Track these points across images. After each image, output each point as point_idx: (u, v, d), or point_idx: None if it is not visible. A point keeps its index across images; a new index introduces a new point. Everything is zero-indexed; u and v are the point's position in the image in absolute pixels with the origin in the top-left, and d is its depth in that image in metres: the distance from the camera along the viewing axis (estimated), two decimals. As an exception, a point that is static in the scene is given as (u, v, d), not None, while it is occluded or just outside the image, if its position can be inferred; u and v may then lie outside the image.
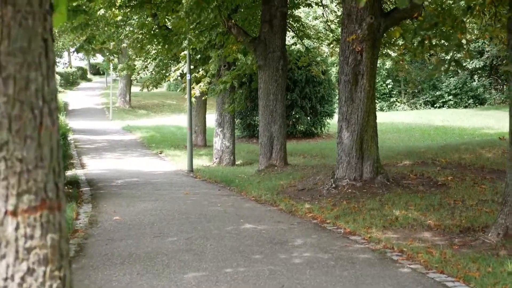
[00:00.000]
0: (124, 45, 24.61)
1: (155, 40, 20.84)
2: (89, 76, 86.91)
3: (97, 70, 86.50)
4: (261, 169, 18.03)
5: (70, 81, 71.95)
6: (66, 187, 14.96)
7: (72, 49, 40.70)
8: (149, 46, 23.08)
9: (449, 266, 7.59)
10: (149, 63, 28.02)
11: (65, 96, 57.89)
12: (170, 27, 20.40)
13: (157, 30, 20.64)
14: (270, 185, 14.90)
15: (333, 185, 13.49)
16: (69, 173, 18.63)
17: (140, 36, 21.66)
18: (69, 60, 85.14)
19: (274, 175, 16.69)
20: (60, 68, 61.14)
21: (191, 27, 17.76)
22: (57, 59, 43.20)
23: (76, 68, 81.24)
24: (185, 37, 19.13)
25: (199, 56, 23.23)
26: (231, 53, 19.35)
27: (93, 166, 21.62)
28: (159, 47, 21.58)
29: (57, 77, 63.30)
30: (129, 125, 38.54)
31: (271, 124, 18.13)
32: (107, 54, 28.89)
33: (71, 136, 31.21)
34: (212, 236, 9.64)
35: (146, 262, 8.09)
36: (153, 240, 9.44)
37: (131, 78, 46.31)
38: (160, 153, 25.85)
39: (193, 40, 19.05)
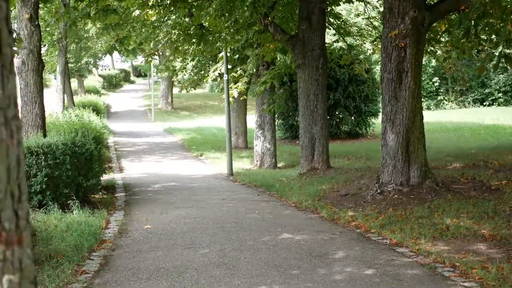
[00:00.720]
0: (160, 46, 24.14)
1: (190, 40, 20.22)
2: (132, 78, 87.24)
3: (139, 72, 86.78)
4: (303, 173, 17.34)
5: (113, 84, 72.17)
6: (100, 193, 14.49)
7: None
8: (185, 47, 22.48)
9: (507, 284, 6.79)
10: (187, 63, 27.44)
11: (108, 98, 57.96)
12: (205, 25, 19.79)
13: (192, 30, 20.03)
14: (311, 190, 14.20)
15: (378, 191, 12.72)
16: (106, 177, 18.22)
17: (175, 36, 21.08)
18: (112, 62, 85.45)
19: (316, 179, 15.98)
20: (99, 70, 61.12)
21: (225, 25, 17.14)
22: (97, 62, 43.17)
23: (119, 70, 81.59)
24: (220, 36, 18.52)
25: (237, 55, 22.61)
26: (269, 52, 18.64)
27: (131, 169, 21.14)
28: (194, 47, 20.97)
29: (100, 79, 63.50)
30: (171, 127, 38.16)
31: (312, 125, 17.41)
32: (144, 56, 28.39)
33: (111, 139, 30.96)
34: (246, 248, 8.98)
35: (174, 278, 7.47)
36: (183, 252, 8.81)
37: (172, 80, 46.02)
38: (200, 156, 25.30)
39: (229, 39, 18.42)
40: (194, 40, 20.22)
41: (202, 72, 27.52)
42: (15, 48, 7.44)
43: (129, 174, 19.84)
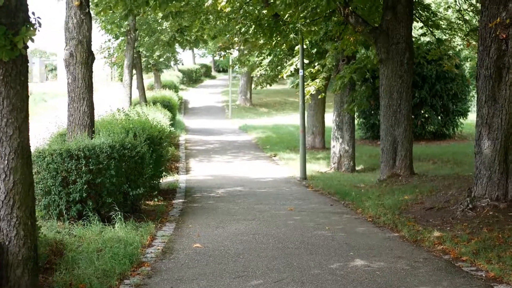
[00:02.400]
0: (236, 39, 22.69)
1: (261, 31, 18.63)
2: (213, 73, 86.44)
3: (219, 67, 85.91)
4: (383, 179, 15.61)
5: (193, 79, 71.33)
6: (156, 199, 13.17)
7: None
8: (260, 41, 20.94)
9: None
10: (263, 58, 25.98)
11: (186, 94, 57.07)
12: (280, 14, 18.20)
13: (264, 20, 18.44)
14: (391, 201, 12.49)
15: (470, 206, 10.91)
16: (169, 178, 17.02)
17: (245, 27, 19.56)
18: (192, 57, 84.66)
19: (397, 187, 14.26)
20: (178, 65, 60.00)
21: (301, 15, 15.55)
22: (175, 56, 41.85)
23: (200, 65, 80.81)
24: (294, 27, 16.92)
25: (315, 50, 20.96)
26: (349, 45, 16.92)
27: (198, 171, 19.85)
28: (266, 39, 19.33)
29: (179, 74, 62.64)
30: (246, 124, 36.72)
31: (395, 127, 15.65)
32: (218, 50, 26.92)
33: (183, 136, 29.85)
34: (309, 279, 7.40)
35: (214, 321, 5.99)
36: (232, 282, 7.31)
37: (251, 75, 44.67)
38: (274, 156, 23.79)
39: (304, 30, 16.77)
40: (266, 31, 18.61)
41: (279, 67, 25.96)
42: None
43: (194, 176, 18.55)
